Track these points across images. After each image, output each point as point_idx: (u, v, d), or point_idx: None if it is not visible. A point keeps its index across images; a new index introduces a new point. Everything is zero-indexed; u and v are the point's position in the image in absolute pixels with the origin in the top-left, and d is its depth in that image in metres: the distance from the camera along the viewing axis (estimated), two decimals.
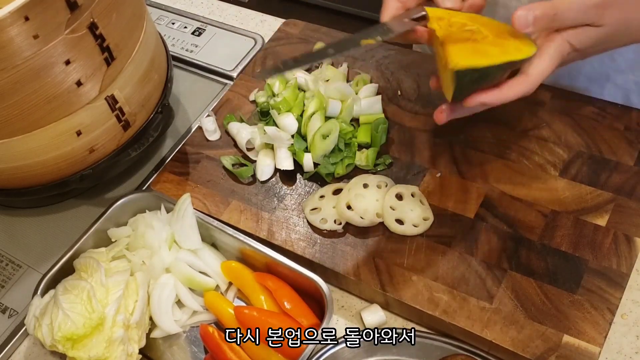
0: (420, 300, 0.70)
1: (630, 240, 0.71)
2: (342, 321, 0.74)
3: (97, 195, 0.89)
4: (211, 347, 0.71)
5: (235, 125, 0.87)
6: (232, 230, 0.75)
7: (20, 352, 0.77)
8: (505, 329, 0.67)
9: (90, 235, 0.77)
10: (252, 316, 0.70)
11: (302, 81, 0.89)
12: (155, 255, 0.74)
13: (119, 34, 0.73)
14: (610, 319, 0.66)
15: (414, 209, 0.76)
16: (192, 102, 0.99)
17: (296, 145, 0.83)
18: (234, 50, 1.03)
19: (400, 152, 0.83)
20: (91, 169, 0.79)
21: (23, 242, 0.85)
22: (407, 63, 0.93)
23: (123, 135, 0.80)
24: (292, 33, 1.00)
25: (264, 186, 0.82)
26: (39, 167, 0.76)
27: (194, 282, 0.75)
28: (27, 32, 0.63)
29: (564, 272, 0.70)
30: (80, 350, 0.66)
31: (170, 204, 0.78)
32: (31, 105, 0.68)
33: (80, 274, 0.72)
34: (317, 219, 0.77)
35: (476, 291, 0.70)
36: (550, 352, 0.65)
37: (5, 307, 0.79)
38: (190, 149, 0.88)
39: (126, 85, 0.77)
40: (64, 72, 0.69)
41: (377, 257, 0.74)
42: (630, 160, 0.78)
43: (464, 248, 0.73)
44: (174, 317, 0.73)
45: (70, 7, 0.65)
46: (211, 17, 1.11)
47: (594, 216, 0.74)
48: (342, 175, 0.82)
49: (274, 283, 0.72)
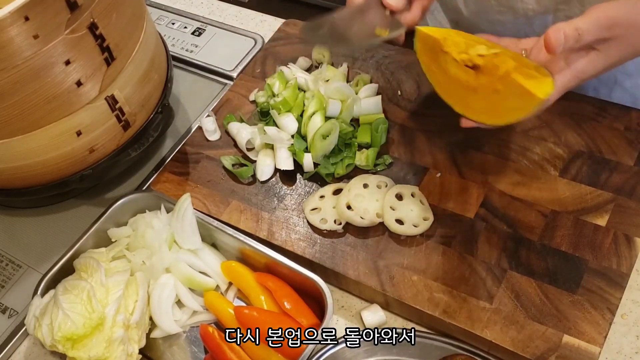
0: (420, 301, 0.70)
1: (630, 240, 0.71)
2: (342, 321, 0.74)
3: (97, 195, 0.89)
4: (211, 347, 0.71)
5: (235, 126, 0.87)
6: (232, 230, 0.75)
7: (20, 352, 0.77)
8: (505, 329, 0.67)
9: (90, 235, 0.77)
10: (252, 316, 0.70)
11: (302, 81, 0.89)
12: (155, 255, 0.74)
13: (119, 34, 0.73)
14: (610, 319, 0.66)
15: (414, 209, 0.76)
16: (192, 102, 0.99)
17: (296, 146, 0.83)
18: (234, 50, 1.03)
19: (400, 152, 0.83)
20: (91, 169, 0.79)
21: (23, 242, 0.85)
22: (407, 63, 0.93)
23: (123, 135, 0.80)
24: (292, 33, 1.00)
25: (264, 186, 0.83)
26: (39, 167, 0.76)
27: (194, 282, 0.75)
28: (27, 32, 0.63)
29: (564, 272, 0.70)
30: (80, 350, 0.66)
31: (170, 204, 0.78)
32: (31, 105, 0.68)
33: (80, 274, 0.72)
34: (317, 219, 0.77)
35: (476, 291, 0.70)
36: (550, 352, 0.65)
37: (5, 307, 0.79)
38: (190, 149, 0.88)
39: (126, 85, 0.77)
40: (64, 72, 0.69)
41: (377, 257, 0.74)
42: (630, 160, 0.78)
43: (464, 248, 0.73)
44: (174, 317, 0.73)
45: (70, 7, 0.65)
46: (211, 17, 1.11)
47: (594, 216, 0.74)
48: (342, 176, 0.82)
49: (274, 283, 0.72)
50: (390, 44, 0.95)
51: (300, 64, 0.94)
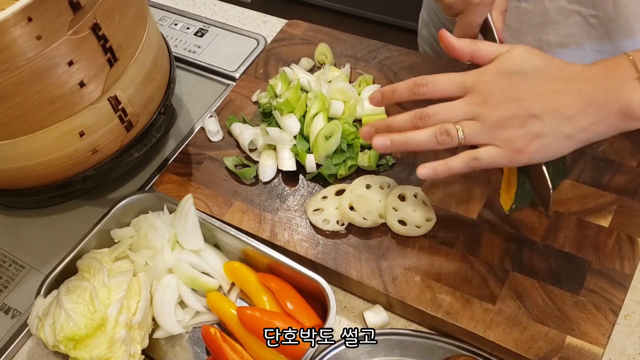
0: (423, 301, 0.70)
1: (634, 241, 0.71)
2: (344, 322, 0.74)
3: (100, 195, 0.89)
4: (212, 349, 0.71)
5: (238, 126, 0.87)
6: (234, 231, 0.75)
7: (23, 352, 0.77)
8: (508, 330, 0.67)
9: (93, 236, 0.77)
10: (254, 317, 0.70)
11: (304, 82, 0.89)
12: (158, 255, 0.74)
13: (121, 34, 0.74)
14: (613, 320, 0.66)
15: (417, 209, 0.76)
16: (195, 103, 0.99)
17: (299, 146, 0.83)
18: (237, 51, 1.04)
19: (402, 153, 0.83)
20: (94, 169, 0.79)
21: (26, 242, 0.85)
22: (409, 64, 0.92)
23: (126, 136, 0.80)
24: (295, 34, 1.00)
25: (267, 187, 0.83)
26: (42, 167, 0.76)
27: (196, 283, 0.75)
28: (30, 33, 0.63)
29: (567, 273, 0.70)
30: (83, 351, 0.66)
31: (173, 204, 0.78)
32: (34, 106, 0.68)
33: (83, 275, 0.72)
34: (320, 220, 0.77)
35: (479, 292, 0.70)
36: (553, 354, 0.65)
37: (9, 307, 0.79)
38: (193, 149, 0.88)
39: (129, 86, 0.77)
40: (67, 73, 0.69)
41: (379, 258, 0.74)
42: (633, 162, 0.78)
43: (466, 249, 0.73)
44: (177, 318, 0.73)
45: (73, 8, 0.66)
46: (214, 17, 1.11)
47: (597, 217, 0.74)
48: (344, 176, 0.82)
49: (277, 284, 0.72)
50: (392, 45, 0.95)
51: (302, 65, 0.95)
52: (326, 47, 0.94)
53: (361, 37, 0.97)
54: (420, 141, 0.64)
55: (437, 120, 0.63)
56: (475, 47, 0.64)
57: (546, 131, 0.60)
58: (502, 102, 0.61)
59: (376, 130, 0.67)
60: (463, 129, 0.62)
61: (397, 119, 0.66)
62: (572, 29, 0.86)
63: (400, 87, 0.66)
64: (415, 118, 0.64)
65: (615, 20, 0.82)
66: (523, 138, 0.60)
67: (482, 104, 0.62)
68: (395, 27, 2.45)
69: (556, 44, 0.88)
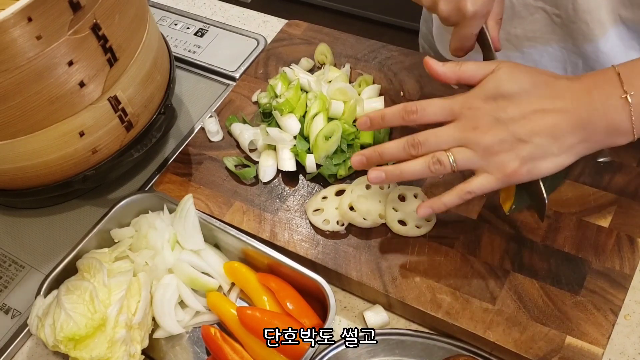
0: (423, 302, 0.70)
1: (633, 242, 0.71)
2: (344, 322, 0.74)
3: (100, 195, 0.89)
4: (212, 349, 0.71)
5: (238, 126, 0.87)
6: (234, 231, 0.75)
7: (23, 352, 0.77)
8: (508, 330, 0.67)
9: (93, 236, 0.77)
10: (254, 317, 0.70)
11: (304, 82, 0.89)
12: (158, 255, 0.74)
13: (121, 34, 0.74)
14: (613, 320, 0.66)
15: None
16: (195, 103, 0.99)
17: (299, 147, 0.83)
18: (237, 51, 1.04)
19: None
20: (94, 169, 0.79)
21: (26, 242, 0.85)
22: (409, 64, 0.92)
23: (126, 136, 0.80)
24: (295, 34, 1.00)
25: (267, 187, 0.83)
26: (42, 167, 0.76)
27: (196, 283, 0.75)
28: (30, 33, 0.63)
29: (567, 273, 0.70)
30: (83, 351, 0.66)
31: (173, 204, 0.78)
32: (34, 106, 0.68)
33: (83, 275, 0.72)
34: (320, 220, 0.77)
35: (479, 292, 0.70)
36: (553, 354, 0.65)
37: (9, 307, 0.79)
38: (193, 150, 0.88)
39: (129, 86, 0.77)
40: (67, 73, 0.69)
41: (379, 258, 0.74)
42: (633, 162, 0.78)
43: (466, 249, 0.73)
44: (177, 318, 0.73)
45: (73, 8, 0.66)
46: (214, 17, 1.11)
47: (596, 217, 0.74)
48: (344, 176, 0.82)
49: (277, 284, 0.72)
50: (392, 45, 0.95)
51: (302, 65, 0.95)
52: (326, 47, 0.94)
53: (361, 37, 0.97)
54: (414, 172, 0.66)
55: (428, 148, 0.65)
56: (460, 70, 0.65)
57: (535, 153, 0.61)
58: (491, 128, 0.62)
59: (368, 160, 0.69)
60: (455, 157, 0.64)
61: (389, 147, 0.67)
62: (538, 24, 0.86)
63: (390, 114, 0.67)
64: (408, 146, 0.66)
65: (576, 23, 0.82)
66: (514, 162, 0.62)
67: (472, 130, 0.63)
68: (395, 27, 2.45)
69: (523, 37, 0.88)
